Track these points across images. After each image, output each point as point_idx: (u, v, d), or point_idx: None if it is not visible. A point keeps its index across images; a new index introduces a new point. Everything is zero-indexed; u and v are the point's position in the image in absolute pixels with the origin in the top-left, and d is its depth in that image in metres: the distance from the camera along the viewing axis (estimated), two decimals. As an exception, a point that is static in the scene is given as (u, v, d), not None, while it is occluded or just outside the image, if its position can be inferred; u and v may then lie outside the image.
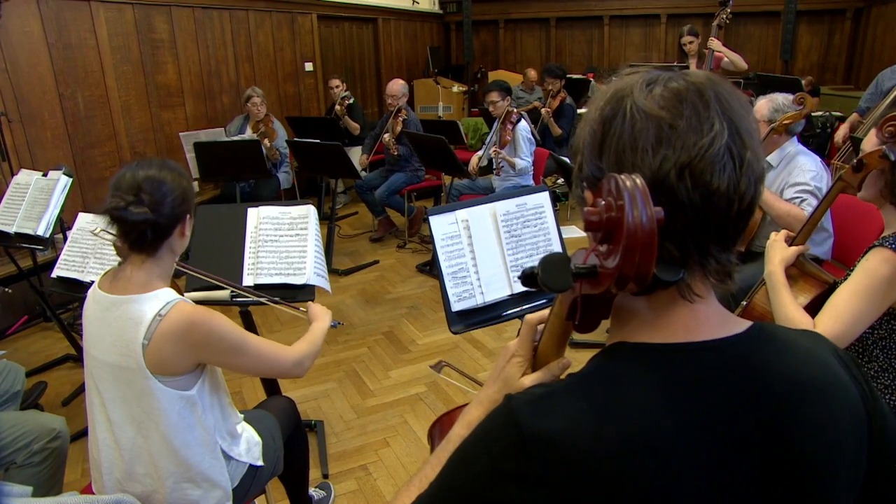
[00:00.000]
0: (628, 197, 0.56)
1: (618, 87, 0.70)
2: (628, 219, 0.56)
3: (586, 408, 0.65)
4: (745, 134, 0.65)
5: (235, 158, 4.51)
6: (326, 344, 3.69)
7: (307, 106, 6.72)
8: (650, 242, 0.56)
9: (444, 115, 8.36)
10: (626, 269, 0.57)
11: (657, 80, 0.68)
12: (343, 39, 7.60)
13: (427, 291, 4.54)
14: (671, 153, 0.63)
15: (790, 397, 0.69)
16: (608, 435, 0.63)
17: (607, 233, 0.59)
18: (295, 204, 2.55)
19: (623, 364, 0.69)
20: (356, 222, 6.17)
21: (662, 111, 0.65)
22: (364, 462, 2.64)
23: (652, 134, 0.64)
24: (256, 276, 2.40)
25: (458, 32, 10.11)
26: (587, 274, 0.62)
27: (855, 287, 1.61)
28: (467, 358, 3.53)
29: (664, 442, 0.63)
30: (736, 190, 0.64)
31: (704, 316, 0.70)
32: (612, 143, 0.67)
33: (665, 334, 0.69)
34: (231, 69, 5.78)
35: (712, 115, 0.64)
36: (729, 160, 0.64)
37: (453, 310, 2.18)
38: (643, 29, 9.32)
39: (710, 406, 0.66)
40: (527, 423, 0.65)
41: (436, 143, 4.66)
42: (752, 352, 0.70)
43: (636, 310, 0.72)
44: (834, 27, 8.30)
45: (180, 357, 1.52)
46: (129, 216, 1.48)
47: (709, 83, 0.67)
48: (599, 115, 0.70)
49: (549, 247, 2.37)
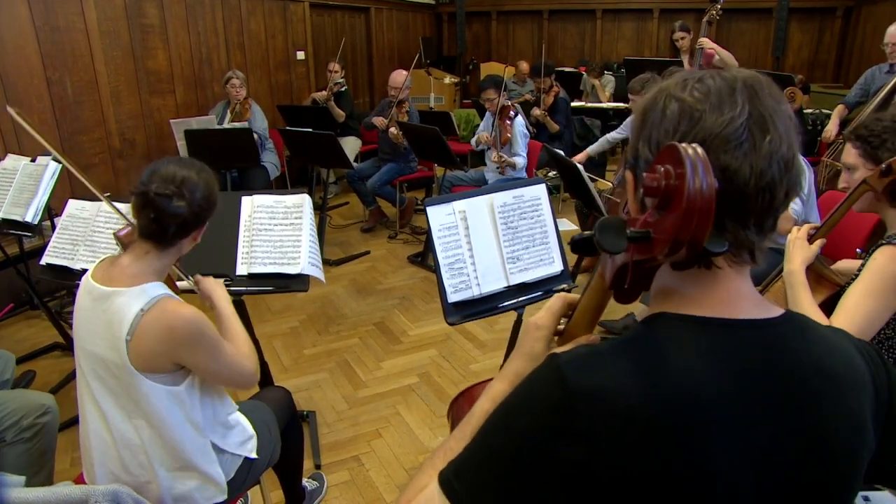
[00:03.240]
0: (690, 164, 0.59)
1: (661, 86, 0.75)
2: (689, 184, 0.58)
3: (632, 368, 0.68)
4: (769, 120, 0.68)
5: (227, 147, 4.47)
6: (317, 334, 3.69)
7: (298, 95, 6.66)
8: (708, 209, 0.58)
9: (435, 106, 8.34)
10: (683, 234, 0.59)
11: (694, 76, 0.72)
12: (335, 28, 7.54)
13: (418, 282, 4.53)
14: (690, 130, 0.68)
15: (817, 385, 0.72)
16: (653, 394, 0.66)
17: (665, 198, 0.62)
18: (289, 193, 2.52)
19: (665, 331, 0.72)
20: (347, 212, 6.14)
21: (691, 98, 0.69)
22: (356, 453, 2.64)
23: (677, 116, 0.69)
24: (251, 265, 2.37)
25: (451, 24, 10.06)
26: (641, 238, 0.64)
27: (865, 287, 1.61)
28: (459, 349, 3.53)
29: (706, 405, 0.66)
30: (752, 168, 0.66)
31: (739, 294, 0.74)
32: (646, 127, 0.73)
33: (704, 308, 0.72)
34: (222, 56, 5.71)
35: (736, 99, 0.68)
36: (747, 140, 0.67)
37: (449, 301, 2.17)
38: (635, 23, 9.31)
39: (747, 378, 0.69)
40: (574, 378, 0.67)
41: (429, 134, 4.64)
42: (786, 336, 0.73)
43: (673, 286, 0.75)
44: (824, 25, 8.34)
45: (159, 355, 1.49)
46: (170, 206, 1.50)
47: (741, 76, 0.70)
48: (641, 107, 0.76)
49: (546, 239, 2.37)
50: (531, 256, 2.33)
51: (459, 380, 3.21)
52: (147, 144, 4.97)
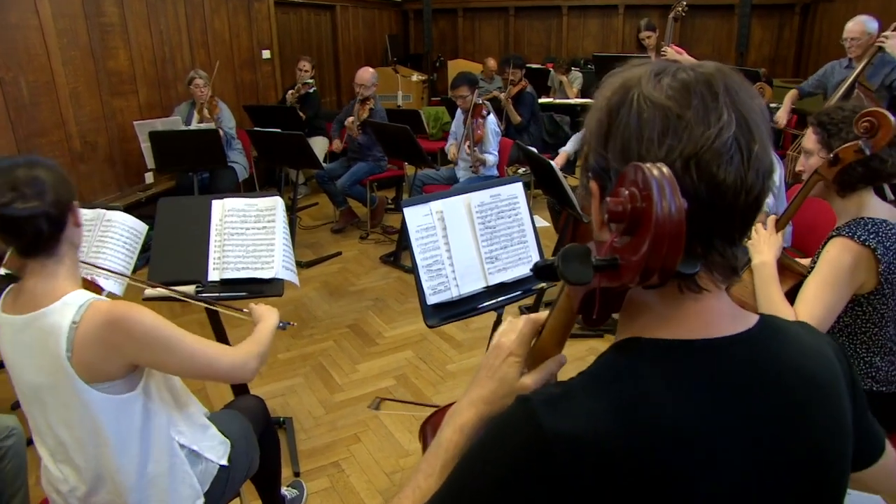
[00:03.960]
0: (656, 186, 0.55)
1: (626, 77, 0.68)
2: (657, 209, 0.54)
3: (608, 406, 0.64)
4: (753, 126, 0.64)
5: (194, 148, 4.36)
6: (291, 338, 3.62)
7: (265, 94, 6.55)
8: (679, 233, 0.55)
9: (403, 104, 8.28)
10: (652, 262, 0.56)
11: (665, 70, 0.66)
12: (301, 27, 7.44)
13: (391, 283, 4.49)
14: (677, 144, 0.62)
15: (803, 392, 0.70)
16: (632, 433, 0.62)
17: (632, 224, 0.57)
18: (261, 195, 2.47)
19: (640, 361, 0.68)
20: (317, 213, 6.06)
21: (670, 101, 0.63)
22: (336, 459, 2.59)
23: (658, 124, 0.63)
24: (223, 270, 2.31)
25: (417, 21, 10.02)
26: (608, 266, 0.60)
27: (821, 279, 1.65)
28: (436, 350, 3.51)
29: (689, 437, 0.63)
30: (743, 182, 0.63)
31: (718, 311, 0.70)
32: (617, 132, 0.65)
33: (679, 329, 0.68)
34: (186, 56, 5.58)
35: (720, 105, 0.63)
36: (737, 152, 0.62)
37: (428, 303, 2.14)
38: (601, 20, 9.40)
39: (731, 402, 0.66)
40: (549, 424, 0.63)
41: (400, 133, 4.60)
42: (765, 347, 0.70)
43: (647, 304, 0.71)
44: (784, 22, 8.52)
45: (107, 361, 1.41)
46: (18, 212, 1.33)
47: (719, 74, 0.66)
48: (606, 104, 0.68)
49: (524, 238, 2.36)
50: (509, 256, 2.31)
51: (437, 381, 3.19)
52: (110, 147, 4.83)
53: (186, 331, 1.52)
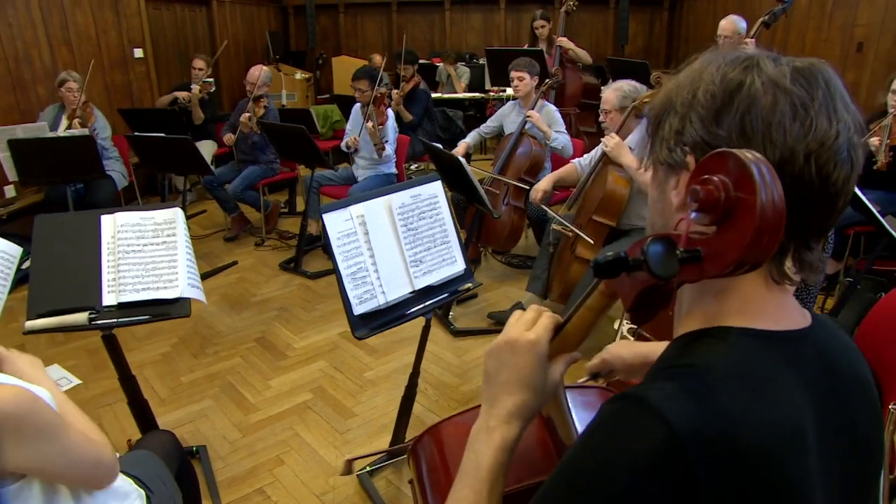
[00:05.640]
0: (758, 175, 0.52)
1: (737, 56, 0.66)
2: (761, 198, 0.51)
3: (731, 402, 0.60)
4: (857, 130, 0.63)
5: (65, 157, 3.93)
6: (193, 357, 3.37)
7: (140, 96, 6.06)
8: (780, 224, 0.52)
9: (288, 104, 7.99)
10: (749, 255, 0.53)
11: (778, 58, 0.65)
12: (175, 23, 6.95)
13: (295, 290, 4.30)
14: (805, 135, 0.60)
15: (854, 386, 0.71)
16: (759, 429, 0.59)
17: (725, 213, 0.54)
18: (158, 207, 2.25)
19: (744, 352, 0.64)
20: (206, 221, 5.70)
21: (795, 87, 0.61)
22: (259, 485, 2.41)
23: (788, 110, 0.60)
24: (119, 293, 2.08)
25: (297, 17, 9.69)
26: (692, 259, 0.57)
27: None
28: (350, 358, 3.38)
29: (803, 430, 0.62)
30: (846, 185, 0.62)
31: (790, 305, 0.70)
32: (737, 110, 0.62)
33: (767, 320, 0.66)
34: (45, 54, 5.04)
35: (838, 103, 0.62)
36: (848, 156, 0.62)
37: (355, 313, 2.03)
38: (483, 14, 9.50)
39: (816, 393, 0.65)
40: (679, 421, 0.57)
41: (296, 134, 4.41)
42: (826, 342, 0.70)
43: (728, 290, 0.67)
44: (654, 17, 9.02)
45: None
46: None
47: (820, 65, 0.64)
48: (722, 78, 0.64)
49: (447, 238, 2.29)
50: (433, 257, 2.24)
51: (356, 390, 3.07)
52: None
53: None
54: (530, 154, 4.09)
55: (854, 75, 5.37)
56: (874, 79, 5.13)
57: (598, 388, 1.17)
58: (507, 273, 4.50)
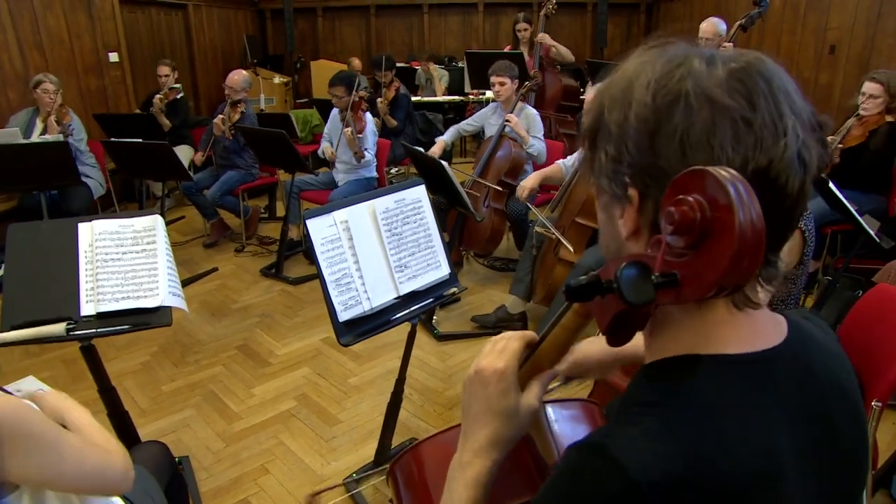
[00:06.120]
0: (735, 193, 0.49)
1: (669, 61, 0.61)
2: (740, 219, 0.48)
3: (699, 439, 0.58)
4: (808, 128, 0.60)
5: (38, 164, 3.85)
6: (174, 366, 3.32)
7: (115, 102, 5.96)
8: (760, 245, 0.49)
9: (266, 108, 7.94)
10: (729, 278, 0.50)
11: (713, 58, 0.60)
12: (151, 27, 6.86)
13: (276, 297, 4.26)
14: (751, 154, 0.56)
15: (837, 404, 0.68)
16: (727, 463, 0.57)
17: (702, 234, 0.51)
18: (137, 214, 2.21)
19: (713, 383, 0.62)
20: (185, 227, 5.62)
21: (733, 101, 0.57)
22: (244, 495, 2.38)
23: (728, 129, 0.57)
24: (98, 302, 2.04)
25: (275, 21, 9.63)
26: (668, 283, 0.54)
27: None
28: (334, 364, 3.35)
29: (776, 454, 0.60)
30: (801, 191, 0.59)
31: (761, 321, 0.66)
32: (673, 133, 0.58)
33: (739, 343, 0.63)
34: (15, 57, 4.93)
35: (783, 105, 0.58)
36: (800, 164, 0.58)
37: (340, 320, 2.01)
38: (461, 17, 9.52)
39: (791, 412, 0.63)
40: (636, 468, 0.55)
41: (275, 138, 4.37)
42: (801, 354, 0.68)
43: (693, 316, 0.64)
44: (632, 19, 9.13)
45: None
46: None
47: (759, 62, 0.60)
48: (653, 97, 0.59)
49: (431, 243, 2.28)
50: (418, 262, 2.23)
51: (341, 397, 3.04)
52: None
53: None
54: (510, 156, 4.09)
55: (828, 77, 5.46)
56: (847, 80, 5.22)
57: (581, 401, 1.16)
58: (489, 276, 4.50)
